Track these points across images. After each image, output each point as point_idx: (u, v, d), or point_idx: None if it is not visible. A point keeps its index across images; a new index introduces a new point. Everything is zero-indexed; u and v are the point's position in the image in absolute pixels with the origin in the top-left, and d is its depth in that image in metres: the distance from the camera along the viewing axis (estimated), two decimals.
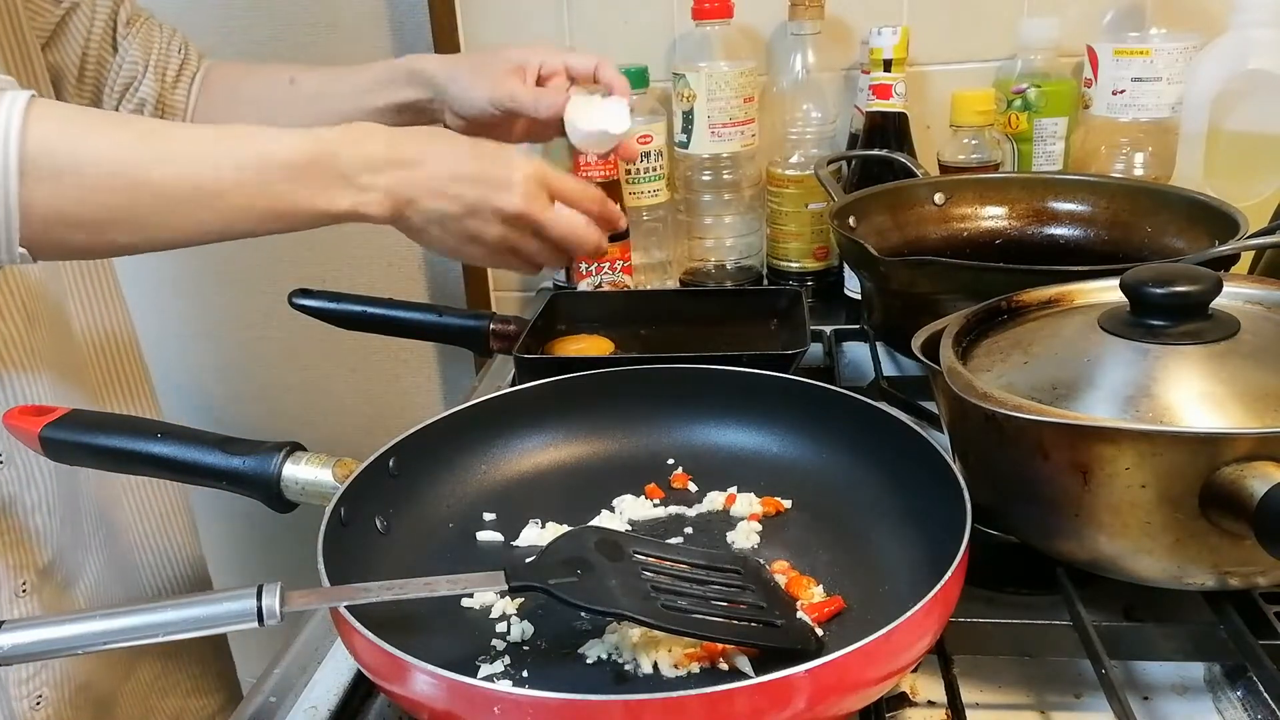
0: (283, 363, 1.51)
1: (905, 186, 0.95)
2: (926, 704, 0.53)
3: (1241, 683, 0.53)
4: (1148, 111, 1.01)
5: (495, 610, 0.55)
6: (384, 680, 0.47)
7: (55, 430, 0.63)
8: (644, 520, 0.64)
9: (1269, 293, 0.61)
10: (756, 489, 0.65)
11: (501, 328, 0.87)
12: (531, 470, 0.69)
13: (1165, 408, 0.51)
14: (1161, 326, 0.55)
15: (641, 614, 0.48)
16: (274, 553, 1.45)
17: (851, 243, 0.82)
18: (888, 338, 0.89)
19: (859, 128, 1.11)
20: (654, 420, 0.71)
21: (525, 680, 0.50)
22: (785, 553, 0.59)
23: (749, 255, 1.16)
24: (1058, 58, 1.09)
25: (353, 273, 1.42)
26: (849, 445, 0.65)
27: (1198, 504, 0.47)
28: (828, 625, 0.53)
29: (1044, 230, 0.93)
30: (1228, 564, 0.50)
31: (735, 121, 1.09)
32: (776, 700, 0.41)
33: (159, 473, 0.63)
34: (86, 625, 0.45)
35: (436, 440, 0.65)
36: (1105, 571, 0.54)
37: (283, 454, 0.61)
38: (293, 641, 0.64)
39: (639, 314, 0.91)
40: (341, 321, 0.91)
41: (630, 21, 1.19)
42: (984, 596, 0.58)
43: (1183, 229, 0.84)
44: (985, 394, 0.52)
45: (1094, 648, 0.51)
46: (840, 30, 1.15)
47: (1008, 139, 1.07)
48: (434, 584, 0.48)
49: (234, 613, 0.45)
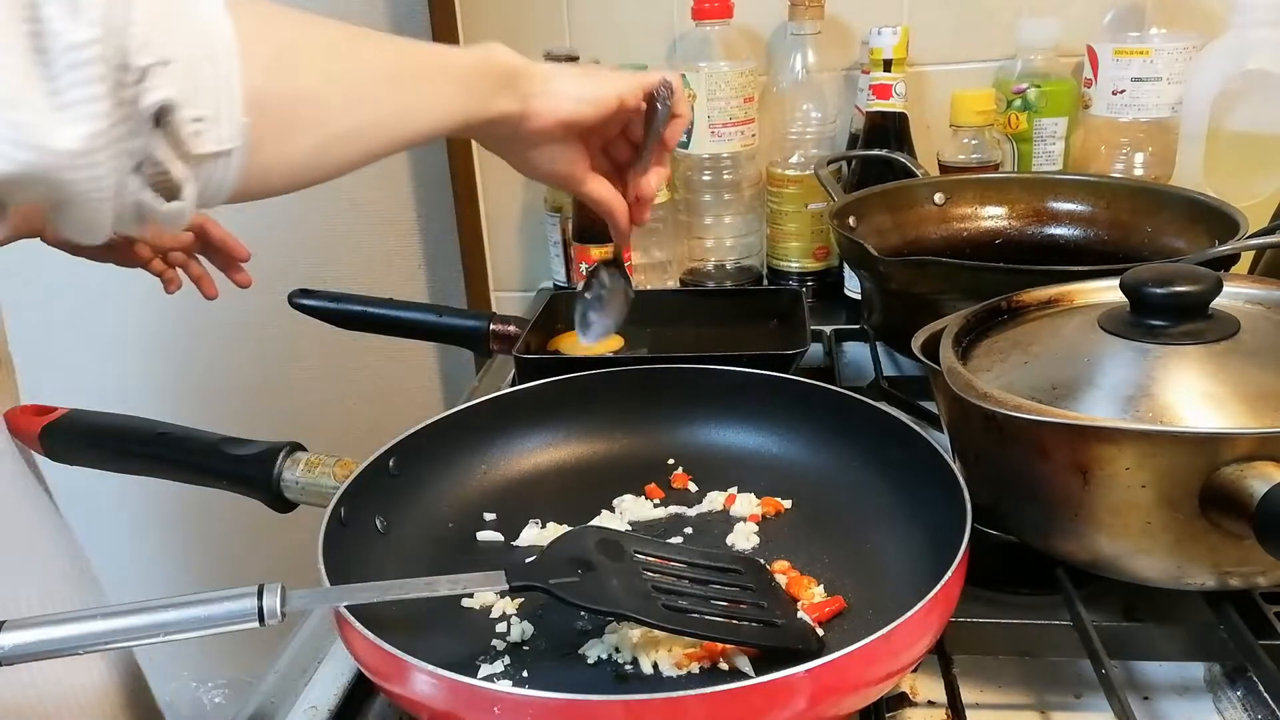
0: (283, 363, 1.51)
1: (905, 186, 0.96)
2: (926, 704, 0.53)
3: (1241, 683, 0.53)
4: (1148, 111, 1.01)
5: (495, 610, 0.55)
6: (384, 680, 0.47)
7: (55, 430, 0.63)
8: (644, 520, 0.64)
9: (1269, 293, 0.61)
10: (756, 489, 0.65)
11: (501, 328, 0.87)
12: (531, 470, 0.69)
13: (1165, 408, 0.51)
14: (1161, 326, 0.55)
15: (642, 614, 0.48)
16: (274, 553, 1.45)
17: (851, 243, 0.82)
18: (888, 338, 0.89)
19: (859, 128, 1.11)
20: (654, 420, 0.71)
21: (525, 680, 0.50)
22: (785, 553, 0.59)
23: (749, 255, 1.16)
24: (1058, 58, 1.09)
25: (353, 273, 1.42)
26: (849, 445, 0.65)
27: (1198, 504, 0.47)
28: (828, 625, 0.53)
29: (1044, 230, 0.93)
30: (1228, 564, 0.50)
31: (735, 121, 1.09)
32: (776, 700, 0.42)
33: (159, 473, 0.63)
34: (87, 625, 0.45)
35: (436, 440, 0.65)
36: (1105, 571, 0.54)
37: (283, 454, 0.61)
38: (292, 641, 0.64)
39: (639, 314, 0.90)
40: (341, 321, 0.91)
41: (630, 21, 1.19)
42: (984, 596, 0.58)
43: (1183, 229, 0.84)
44: (985, 394, 0.52)
45: (1094, 648, 0.51)
46: (840, 30, 1.16)
47: (1008, 139, 1.07)
48: (434, 584, 0.48)
49: (234, 613, 0.45)
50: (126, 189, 0.40)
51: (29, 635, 0.44)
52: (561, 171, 0.65)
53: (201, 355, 1.53)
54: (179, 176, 0.41)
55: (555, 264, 1.23)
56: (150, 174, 0.41)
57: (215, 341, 1.52)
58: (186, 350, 1.54)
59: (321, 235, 1.43)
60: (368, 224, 1.40)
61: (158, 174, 0.41)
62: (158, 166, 0.41)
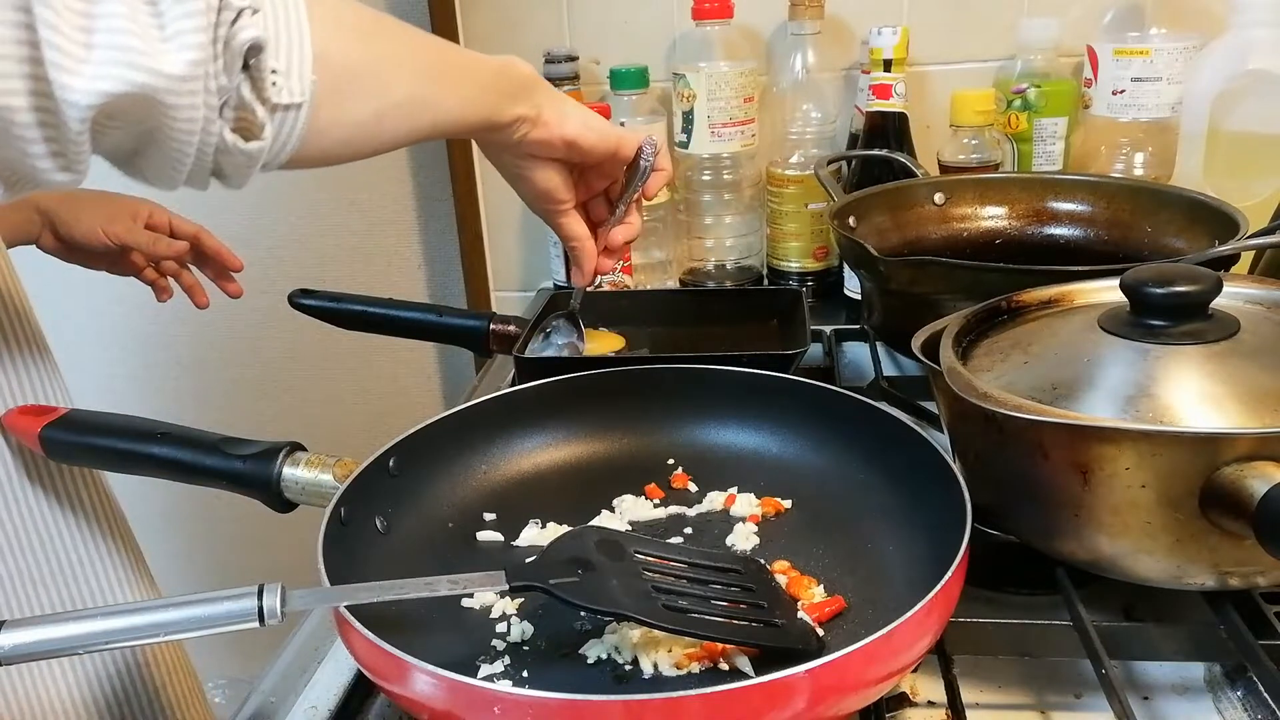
0: (283, 363, 1.52)
1: (905, 186, 0.96)
2: (926, 704, 0.53)
3: (1241, 683, 0.53)
4: (1148, 111, 1.01)
5: (495, 610, 0.55)
6: (384, 680, 0.47)
7: (55, 430, 0.63)
8: (644, 520, 0.64)
9: (1269, 293, 0.61)
10: (756, 489, 0.65)
11: (501, 328, 0.86)
12: (531, 470, 0.69)
13: (1165, 408, 0.51)
14: (1161, 326, 0.55)
15: (642, 614, 0.47)
16: (274, 553, 1.45)
17: (851, 243, 0.82)
18: (888, 338, 0.89)
19: (859, 128, 1.11)
20: (654, 420, 0.71)
21: (525, 680, 0.50)
22: (785, 553, 0.59)
23: (749, 255, 1.16)
24: (1058, 58, 1.09)
25: (353, 273, 1.42)
26: (849, 445, 0.65)
27: (1198, 504, 0.47)
28: (828, 625, 0.53)
29: (1044, 230, 0.93)
30: (1228, 564, 0.50)
31: (735, 121, 1.09)
32: (777, 700, 0.41)
33: (159, 473, 0.63)
34: (87, 625, 0.45)
35: (436, 440, 0.65)
36: (1105, 571, 0.54)
37: (283, 454, 0.61)
38: (292, 641, 0.64)
39: (639, 314, 0.91)
40: (341, 321, 0.91)
41: (630, 21, 1.19)
42: (984, 596, 0.58)
43: (1183, 229, 0.84)
44: (985, 394, 0.52)
45: (1094, 648, 0.51)
46: (840, 30, 1.16)
47: (1008, 139, 1.07)
48: (434, 584, 0.48)
49: (234, 612, 0.45)
50: (212, 125, 0.44)
51: (29, 635, 0.44)
52: (550, 193, 0.68)
53: (202, 355, 1.53)
54: (260, 119, 0.46)
55: (555, 264, 1.23)
56: (233, 117, 0.45)
57: (215, 341, 1.52)
58: (186, 350, 1.54)
59: (321, 235, 1.43)
60: (368, 224, 1.41)
61: (239, 117, 0.45)
62: (241, 108, 0.45)
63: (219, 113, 0.44)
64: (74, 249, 0.95)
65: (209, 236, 1.00)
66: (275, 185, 1.41)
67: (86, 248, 0.94)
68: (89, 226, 0.93)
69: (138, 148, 0.45)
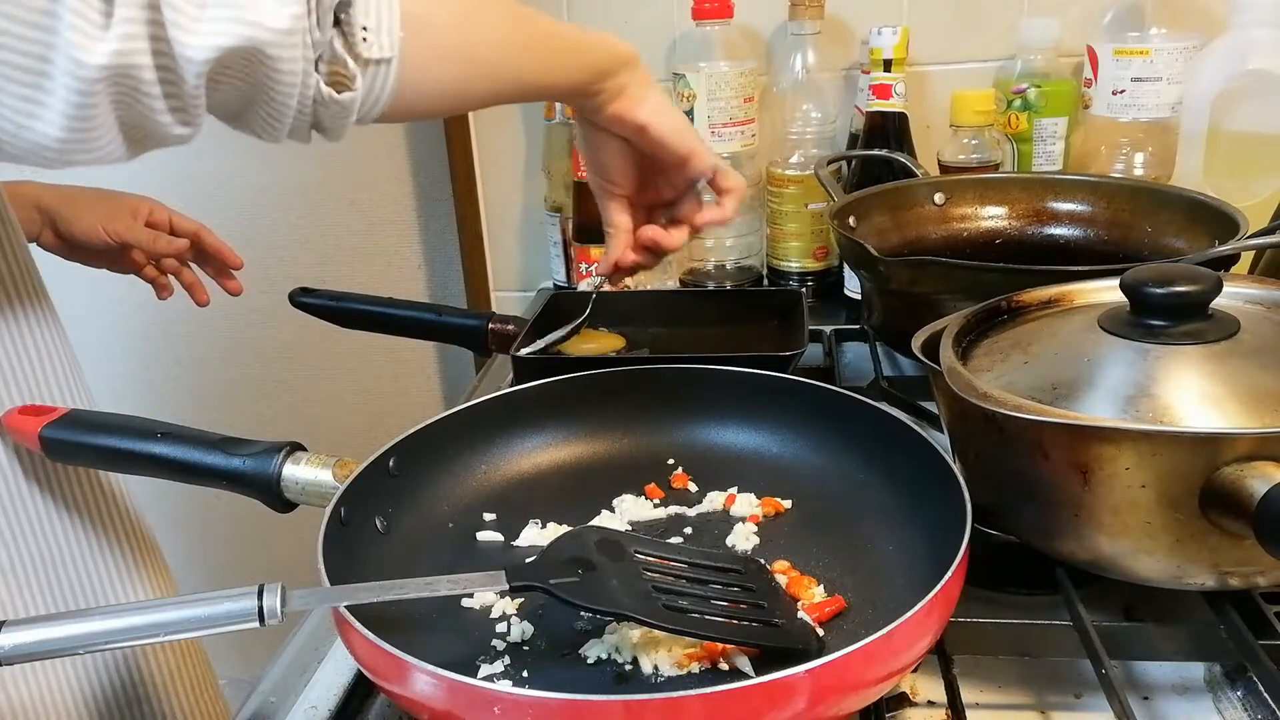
0: (283, 362, 1.52)
1: (905, 186, 0.95)
2: (926, 704, 0.53)
3: (1241, 683, 0.53)
4: (1148, 111, 1.01)
5: (495, 610, 0.55)
6: (384, 680, 0.47)
7: (55, 430, 0.63)
8: (644, 520, 0.64)
9: (1269, 293, 0.61)
10: (756, 489, 0.65)
11: (501, 328, 0.87)
12: (531, 470, 0.69)
13: (1165, 408, 0.51)
14: (1161, 326, 0.55)
15: (642, 614, 0.47)
16: (274, 553, 1.45)
17: (851, 243, 0.82)
18: (888, 338, 0.89)
19: (859, 128, 1.11)
20: (654, 420, 0.71)
21: (525, 680, 0.50)
22: (785, 553, 0.59)
23: (749, 255, 1.16)
24: (1058, 58, 1.09)
25: (353, 272, 1.42)
26: (849, 445, 0.65)
27: (1198, 504, 0.47)
28: (828, 625, 0.53)
29: (1044, 230, 0.93)
30: (1228, 564, 0.50)
31: (735, 121, 1.09)
32: (776, 700, 0.41)
33: (159, 473, 0.63)
34: (88, 625, 0.45)
35: (436, 440, 0.65)
36: (1105, 571, 0.54)
37: (283, 454, 0.61)
38: (292, 641, 0.64)
39: (639, 314, 0.91)
40: (342, 320, 0.91)
41: (630, 21, 1.19)
42: (984, 596, 0.58)
43: (1183, 229, 0.84)
44: (985, 394, 0.52)
45: (1094, 648, 0.51)
46: (840, 30, 1.16)
47: (1008, 139, 1.07)
48: (434, 584, 0.48)
49: (234, 612, 0.45)
50: (310, 78, 0.48)
51: (29, 635, 0.44)
52: (607, 168, 0.70)
53: (202, 355, 1.54)
54: (352, 71, 0.49)
55: (555, 264, 1.23)
56: (327, 71, 0.49)
57: (216, 341, 1.52)
58: (186, 349, 1.54)
59: (321, 235, 1.43)
60: (368, 224, 1.41)
61: (333, 71, 0.49)
62: (335, 62, 0.49)
63: (315, 66, 0.48)
64: (74, 247, 0.95)
65: (209, 234, 1.00)
66: (276, 185, 1.41)
67: (87, 245, 0.95)
68: (89, 224, 0.93)
69: (245, 102, 0.48)
